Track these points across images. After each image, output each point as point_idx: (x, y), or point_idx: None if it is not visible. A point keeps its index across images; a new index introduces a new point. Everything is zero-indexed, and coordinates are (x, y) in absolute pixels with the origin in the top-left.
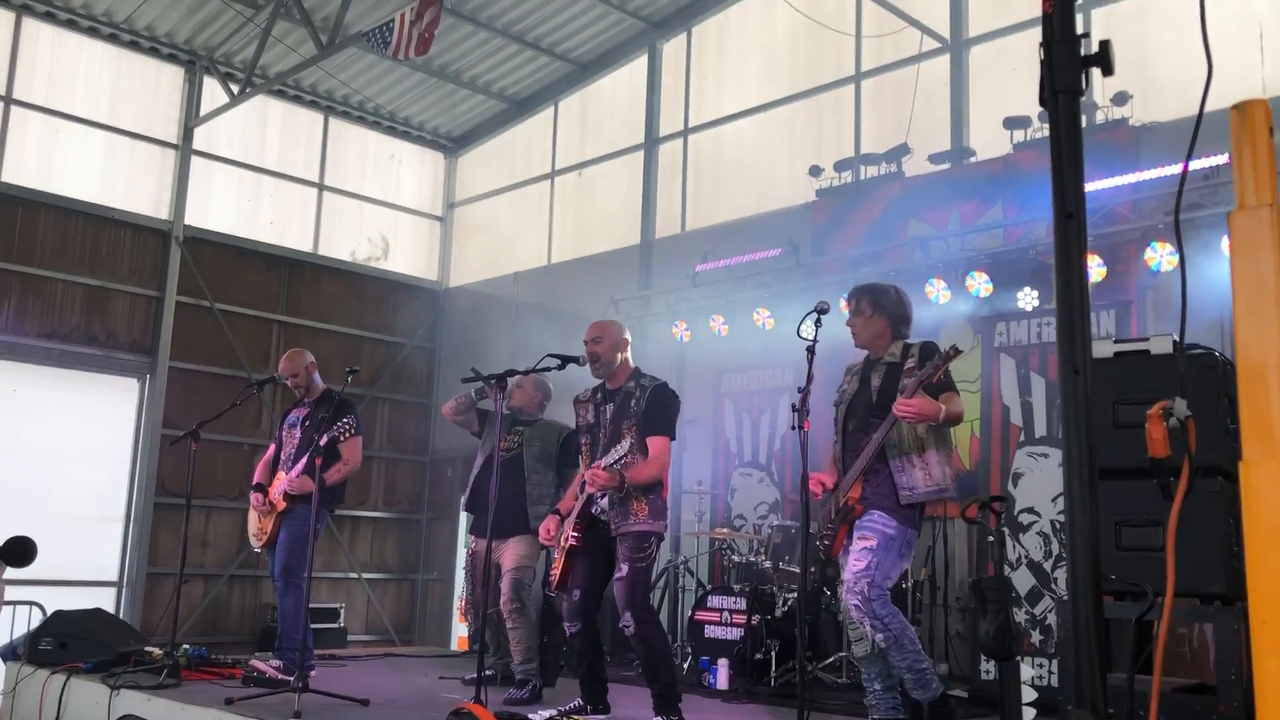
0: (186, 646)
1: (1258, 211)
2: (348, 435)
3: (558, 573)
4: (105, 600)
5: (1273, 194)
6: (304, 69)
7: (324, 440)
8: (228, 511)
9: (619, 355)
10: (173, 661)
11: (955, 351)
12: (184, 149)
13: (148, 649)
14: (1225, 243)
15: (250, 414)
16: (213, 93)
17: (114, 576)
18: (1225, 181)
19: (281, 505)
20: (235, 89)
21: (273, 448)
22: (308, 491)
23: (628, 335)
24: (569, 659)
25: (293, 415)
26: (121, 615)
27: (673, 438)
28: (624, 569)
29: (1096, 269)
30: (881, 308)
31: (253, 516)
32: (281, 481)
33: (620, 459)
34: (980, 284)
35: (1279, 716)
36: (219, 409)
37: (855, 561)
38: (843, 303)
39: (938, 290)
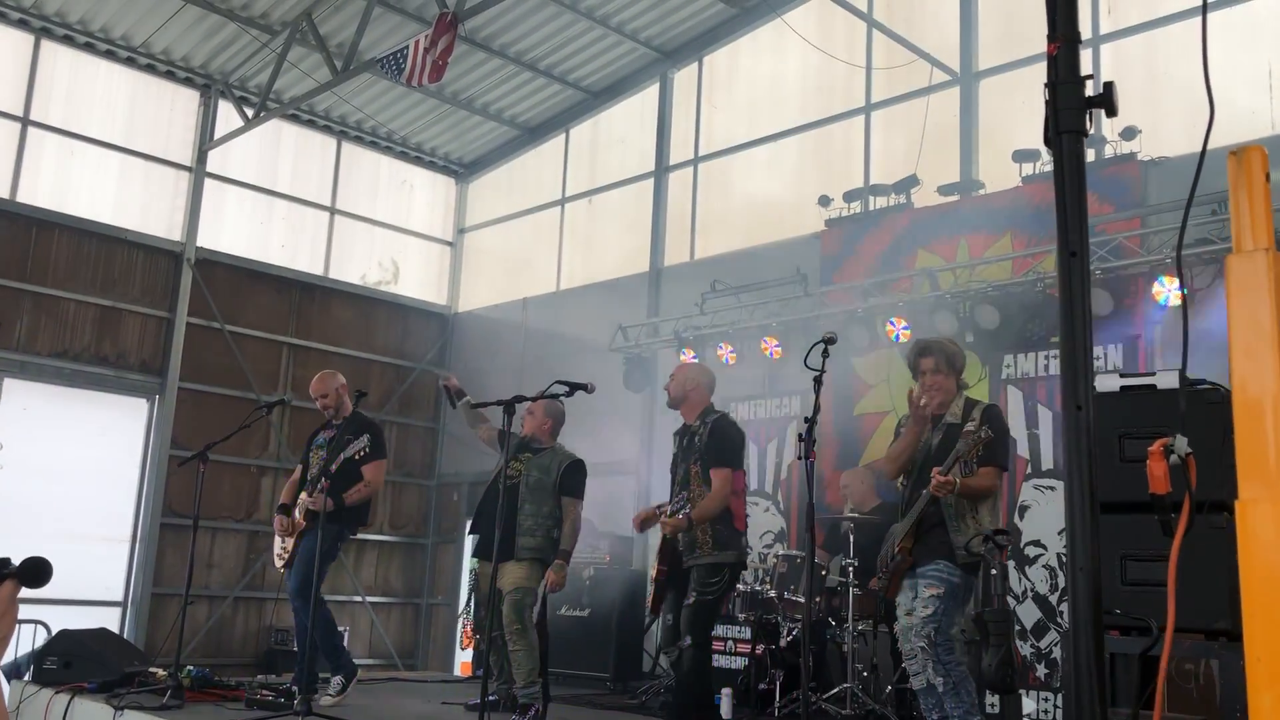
0: (190, 667)
1: (1254, 255)
2: (365, 455)
3: (650, 601)
4: (110, 620)
5: (1269, 238)
6: (318, 94)
7: (337, 464)
8: (234, 533)
9: (687, 392)
10: (176, 682)
11: (988, 435)
12: (198, 171)
13: (152, 669)
14: None
15: (258, 436)
16: (227, 116)
17: (119, 596)
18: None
19: (302, 524)
20: (250, 113)
21: (299, 469)
22: (328, 510)
23: (704, 377)
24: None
25: (320, 437)
26: (126, 635)
27: (736, 468)
28: (691, 598)
29: (1174, 293)
30: (955, 370)
31: (278, 538)
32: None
33: (681, 508)
34: (988, 315)
35: None
36: (227, 430)
37: (924, 608)
38: (919, 360)
39: (945, 322)
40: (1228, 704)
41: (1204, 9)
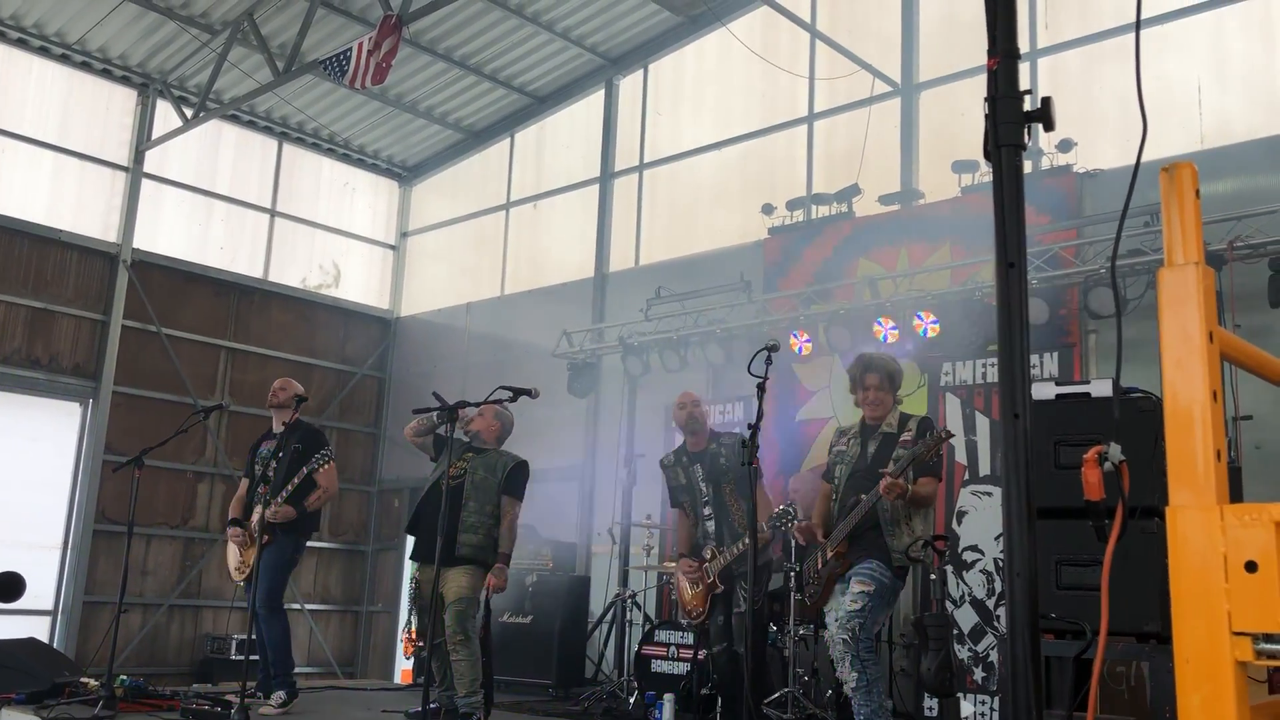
0: (124, 677)
1: (1184, 269)
2: (323, 464)
3: (701, 606)
4: (39, 629)
5: (1199, 252)
6: (259, 95)
7: (301, 477)
8: (169, 540)
9: (703, 424)
10: (109, 693)
11: (948, 435)
12: (134, 172)
13: (83, 679)
14: None
15: (195, 441)
16: (165, 116)
17: (49, 605)
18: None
19: (262, 539)
20: (189, 113)
21: (244, 484)
22: (291, 519)
23: (703, 406)
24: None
25: (264, 448)
26: (56, 645)
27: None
28: (741, 605)
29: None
30: (894, 388)
31: (232, 550)
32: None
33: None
34: (927, 324)
35: None
36: (163, 435)
37: (851, 602)
38: (864, 375)
39: (885, 329)
40: (1157, 705)
41: (1137, 29)
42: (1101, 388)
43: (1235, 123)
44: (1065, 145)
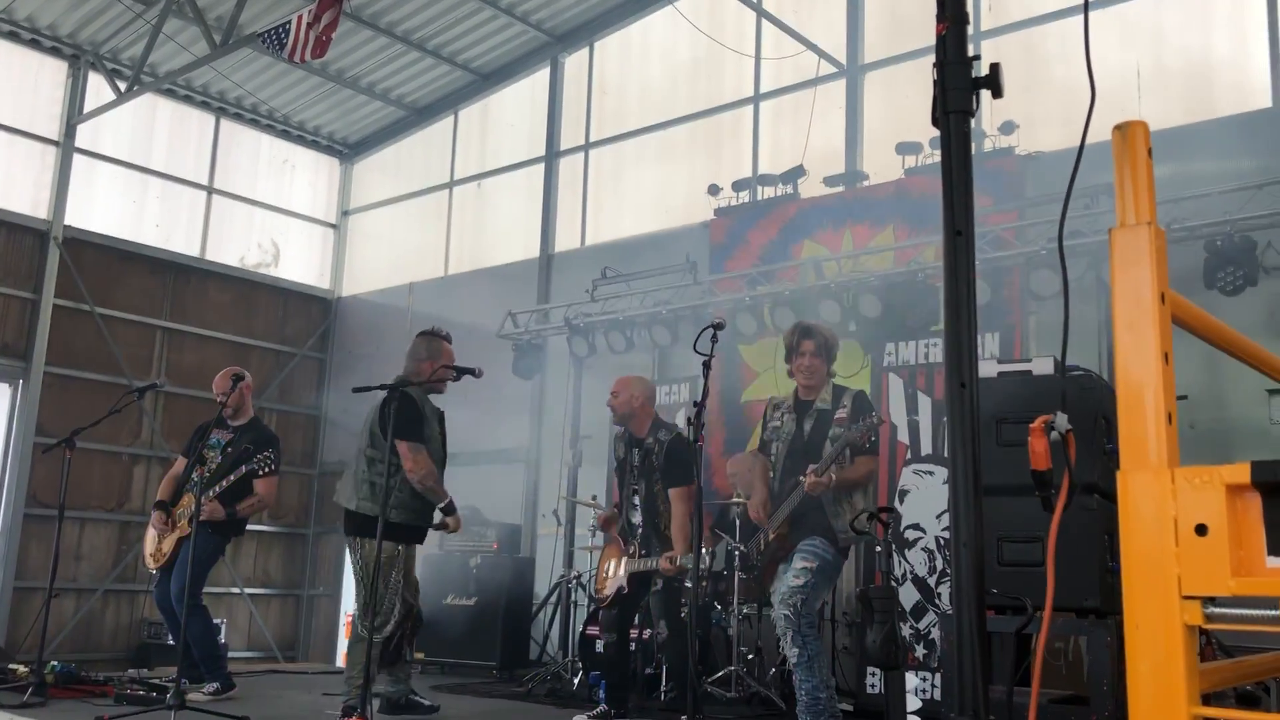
0: (55, 663)
1: (1137, 229)
2: (266, 471)
3: (607, 593)
4: None
5: (1151, 212)
6: (195, 68)
7: (239, 474)
8: (104, 523)
9: (635, 409)
10: (39, 679)
11: (879, 421)
12: (65, 146)
13: (12, 666)
14: (1104, 269)
15: (130, 423)
16: (98, 89)
17: None
18: (1105, 211)
19: (185, 530)
20: (122, 86)
21: (180, 462)
22: (218, 518)
23: (645, 389)
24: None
25: (214, 436)
26: None
27: (690, 483)
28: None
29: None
30: (829, 358)
31: (151, 535)
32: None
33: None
34: (871, 305)
35: (1150, 717)
36: (97, 416)
37: (795, 578)
38: (800, 341)
39: (830, 311)
40: (1094, 678)
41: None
42: (1043, 366)
43: (1173, 108)
44: (1007, 128)
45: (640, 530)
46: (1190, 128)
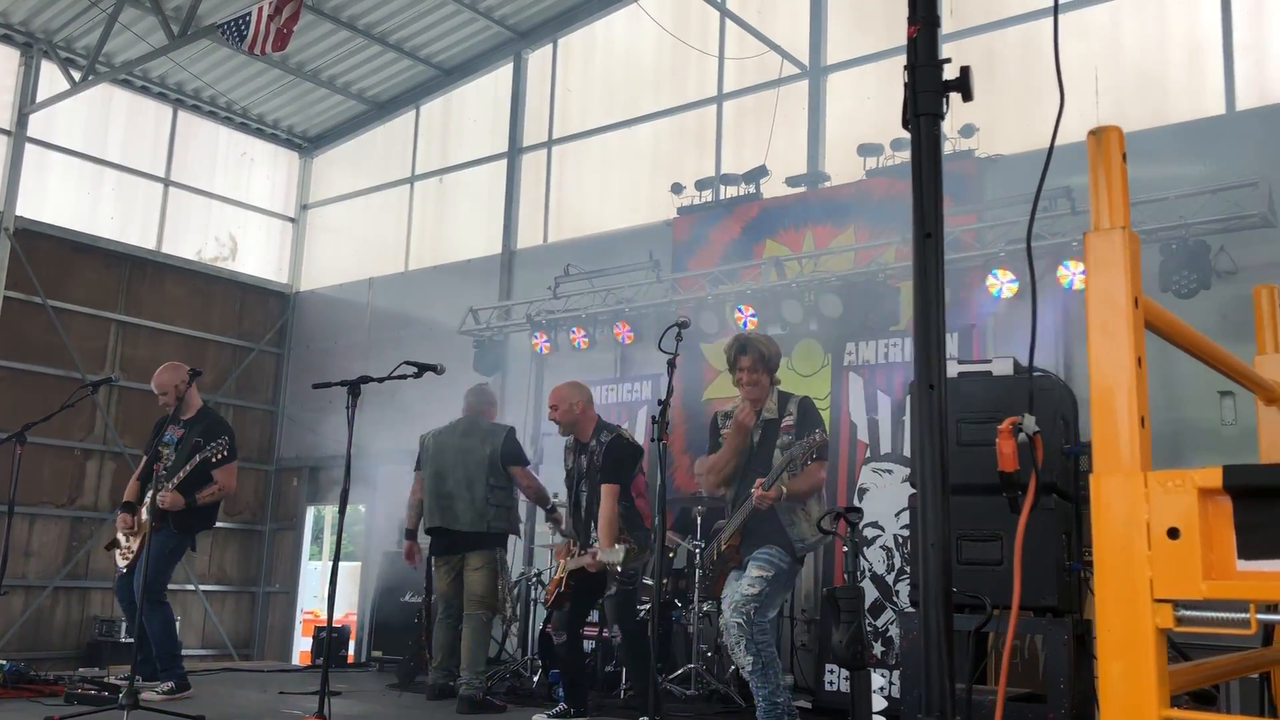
0: (3, 662)
1: (1111, 233)
2: (220, 458)
3: (550, 593)
4: None
5: (1125, 217)
6: (152, 59)
7: (193, 464)
8: (55, 519)
9: (576, 417)
10: None
11: (822, 437)
12: (17, 135)
13: None
14: (1061, 271)
15: (83, 417)
16: (52, 78)
17: None
18: (1062, 214)
19: (149, 525)
20: (76, 76)
21: (144, 463)
22: (179, 508)
23: (582, 395)
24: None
25: (168, 433)
26: None
27: (627, 481)
28: (612, 589)
29: (1007, 285)
30: (769, 369)
31: (120, 537)
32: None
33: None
34: (832, 305)
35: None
36: (49, 410)
37: (749, 587)
38: (738, 357)
39: (791, 310)
40: (1051, 676)
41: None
42: (1003, 366)
43: (1129, 112)
44: (967, 130)
45: (580, 531)
46: (1146, 133)
